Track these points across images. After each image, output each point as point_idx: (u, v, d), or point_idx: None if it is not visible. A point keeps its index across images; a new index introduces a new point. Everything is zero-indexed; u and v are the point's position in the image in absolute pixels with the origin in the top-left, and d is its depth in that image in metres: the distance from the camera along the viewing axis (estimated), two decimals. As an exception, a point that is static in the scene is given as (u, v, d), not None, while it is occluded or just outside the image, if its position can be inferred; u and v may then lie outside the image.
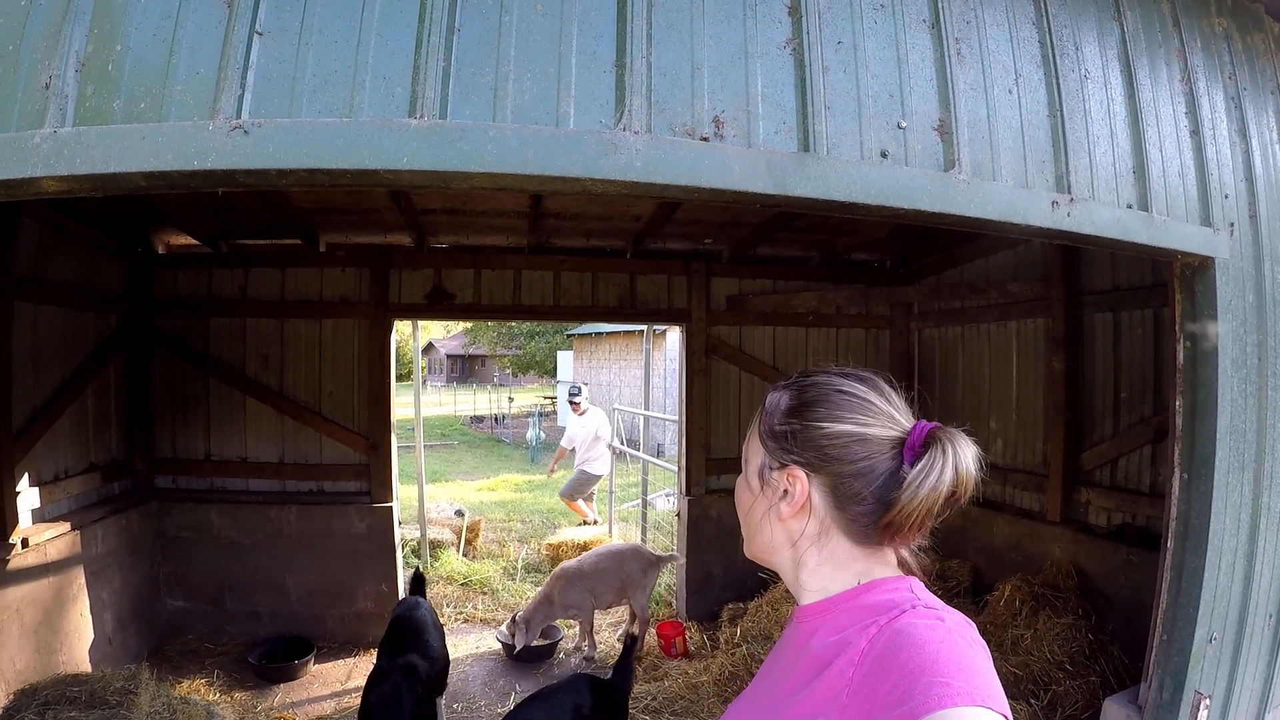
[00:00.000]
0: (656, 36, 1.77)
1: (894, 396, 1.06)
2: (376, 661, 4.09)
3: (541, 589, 6.06)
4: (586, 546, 8.33)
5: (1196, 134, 2.59)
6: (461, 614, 6.92)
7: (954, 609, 0.96)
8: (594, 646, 6.04)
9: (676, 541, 7.07)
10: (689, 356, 6.61)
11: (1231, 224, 2.67)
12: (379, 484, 6.03)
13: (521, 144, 1.64)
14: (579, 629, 6.15)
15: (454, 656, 5.98)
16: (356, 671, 5.56)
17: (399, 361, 6.88)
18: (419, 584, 4.91)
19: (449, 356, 54.57)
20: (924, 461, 0.96)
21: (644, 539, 9.01)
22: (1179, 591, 2.79)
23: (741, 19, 1.85)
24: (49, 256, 4.66)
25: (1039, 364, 5.66)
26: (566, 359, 27.84)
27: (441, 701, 4.58)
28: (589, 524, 9.64)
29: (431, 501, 9.35)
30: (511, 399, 29.19)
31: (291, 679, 5.38)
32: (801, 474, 1.04)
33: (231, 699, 5.00)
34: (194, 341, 5.90)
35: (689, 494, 6.64)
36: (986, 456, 1.02)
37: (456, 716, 5.11)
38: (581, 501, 10.06)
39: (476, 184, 1.68)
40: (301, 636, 5.72)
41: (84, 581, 4.71)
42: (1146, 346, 4.80)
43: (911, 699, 0.79)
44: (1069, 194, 2.21)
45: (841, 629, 0.98)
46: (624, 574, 6.00)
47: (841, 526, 1.04)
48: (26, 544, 4.21)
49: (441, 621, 6.60)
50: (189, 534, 5.78)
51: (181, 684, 4.98)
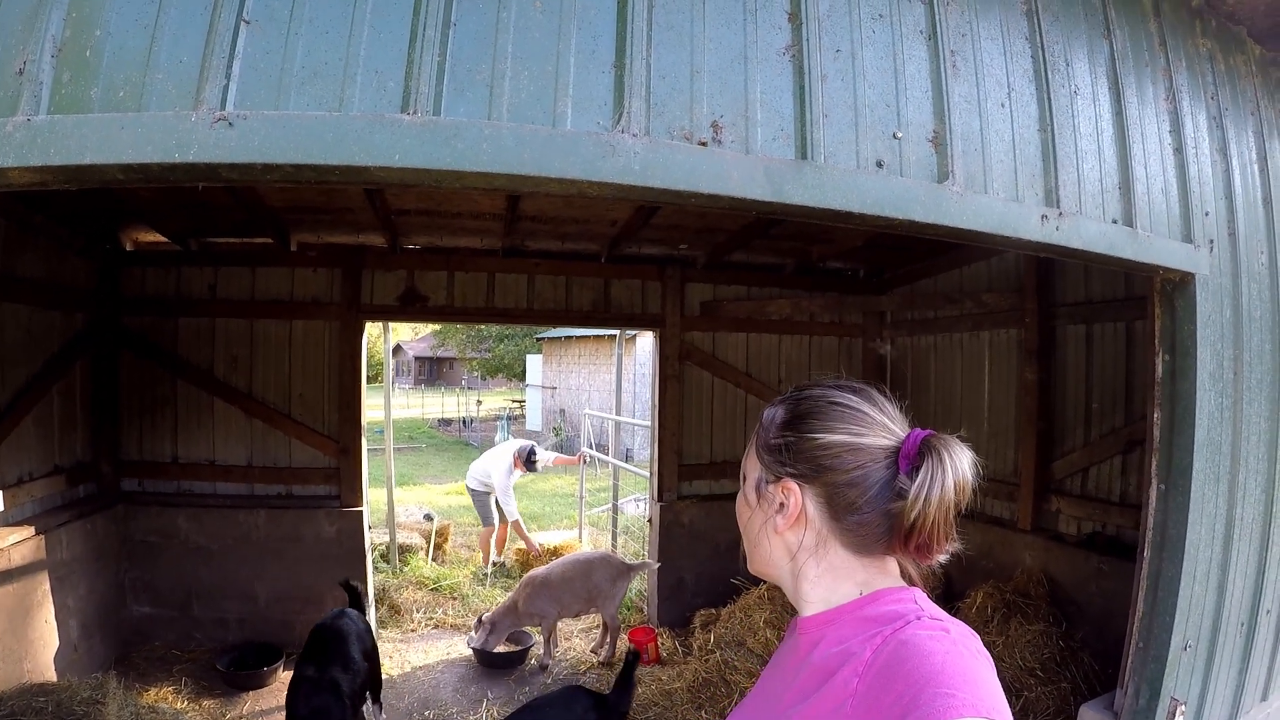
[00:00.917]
0: (657, 38, 1.74)
1: (888, 407, 1.07)
2: (298, 670, 4.04)
3: (510, 594, 6.02)
4: (557, 551, 8.26)
5: (1180, 152, 2.63)
6: (432, 619, 6.83)
7: (958, 620, 0.96)
8: (549, 655, 5.98)
9: (648, 547, 7.05)
10: (662, 362, 6.60)
11: (1211, 241, 2.71)
12: (349, 488, 5.94)
13: (518, 143, 1.60)
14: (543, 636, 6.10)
15: (424, 663, 5.94)
16: (324, 679, 5.46)
17: (368, 363, 6.77)
18: (353, 594, 4.84)
19: (417, 359, 54.16)
20: (925, 469, 0.97)
21: (614, 544, 8.96)
22: (1155, 600, 2.83)
23: (742, 23, 1.83)
24: (15, 253, 4.51)
25: (1012, 374, 5.73)
26: (536, 362, 27.73)
27: (366, 707, 4.58)
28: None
29: (400, 505, 9.20)
30: (480, 402, 29.07)
31: (260, 686, 5.27)
32: (795, 486, 1.04)
33: (200, 707, 4.89)
34: (162, 341, 5.76)
35: (660, 499, 6.61)
36: (981, 462, 1.02)
37: (427, 724, 5.03)
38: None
39: (470, 184, 1.63)
40: (270, 643, 5.59)
41: (49, 588, 4.55)
42: (1119, 359, 4.88)
43: (916, 709, 0.80)
44: (1058, 208, 2.23)
45: (845, 640, 0.97)
46: (591, 584, 5.95)
47: (840, 537, 1.04)
48: (-11, 549, 4.06)
49: (412, 627, 6.59)
50: (156, 539, 5.64)
51: (149, 692, 4.87)
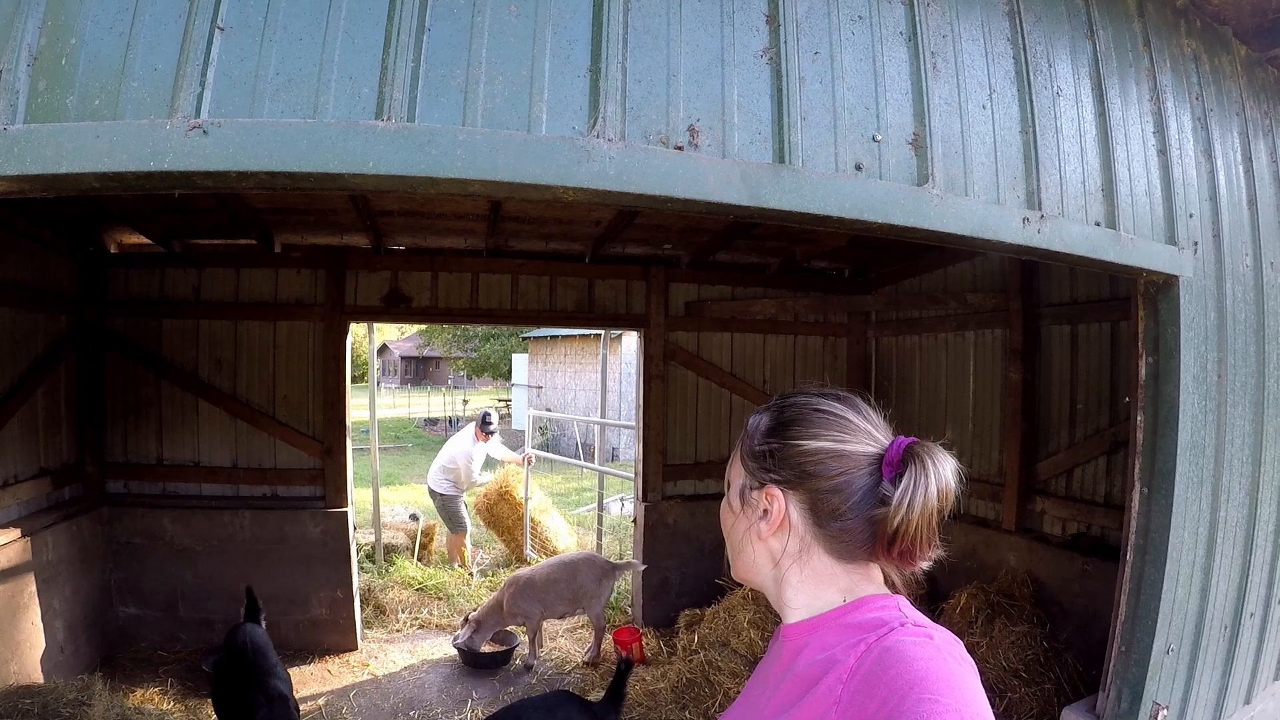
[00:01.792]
0: (633, 41, 1.73)
1: (872, 415, 1.08)
2: (216, 688, 4.00)
3: (495, 593, 6.01)
4: (504, 494, 8.67)
5: (1164, 153, 2.62)
6: (417, 619, 6.81)
7: (942, 627, 0.97)
8: (534, 655, 5.97)
9: (633, 547, 7.04)
10: (647, 362, 6.59)
11: (1195, 243, 2.71)
12: (334, 489, 5.91)
13: (492, 149, 1.58)
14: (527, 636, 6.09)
15: (409, 663, 5.93)
16: (311, 679, 5.46)
17: (353, 363, 6.74)
18: (252, 604, 4.60)
19: (403, 358, 54.13)
20: (909, 476, 0.97)
21: (599, 544, 8.96)
22: (1138, 603, 2.83)
23: (719, 26, 1.81)
24: (-2, 256, 4.47)
25: (996, 374, 5.73)
26: (521, 362, 27.65)
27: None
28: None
29: (385, 505, 9.15)
30: (466, 401, 29.04)
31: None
32: (779, 492, 1.05)
33: (186, 707, 4.86)
34: (147, 343, 5.72)
35: (645, 499, 6.60)
36: (964, 469, 1.03)
37: (412, 726, 5.01)
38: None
39: (444, 190, 1.62)
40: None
41: (35, 589, 4.52)
42: (1103, 359, 4.88)
43: (900, 716, 0.80)
44: (1039, 211, 2.22)
45: (829, 647, 0.97)
46: (577, 585, 5.94)
47: (823, 544, 1.04)
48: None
49: (397, 627, 6.56)
50: (141, 540, 5.60)
51: (135, 693, 4.85)
